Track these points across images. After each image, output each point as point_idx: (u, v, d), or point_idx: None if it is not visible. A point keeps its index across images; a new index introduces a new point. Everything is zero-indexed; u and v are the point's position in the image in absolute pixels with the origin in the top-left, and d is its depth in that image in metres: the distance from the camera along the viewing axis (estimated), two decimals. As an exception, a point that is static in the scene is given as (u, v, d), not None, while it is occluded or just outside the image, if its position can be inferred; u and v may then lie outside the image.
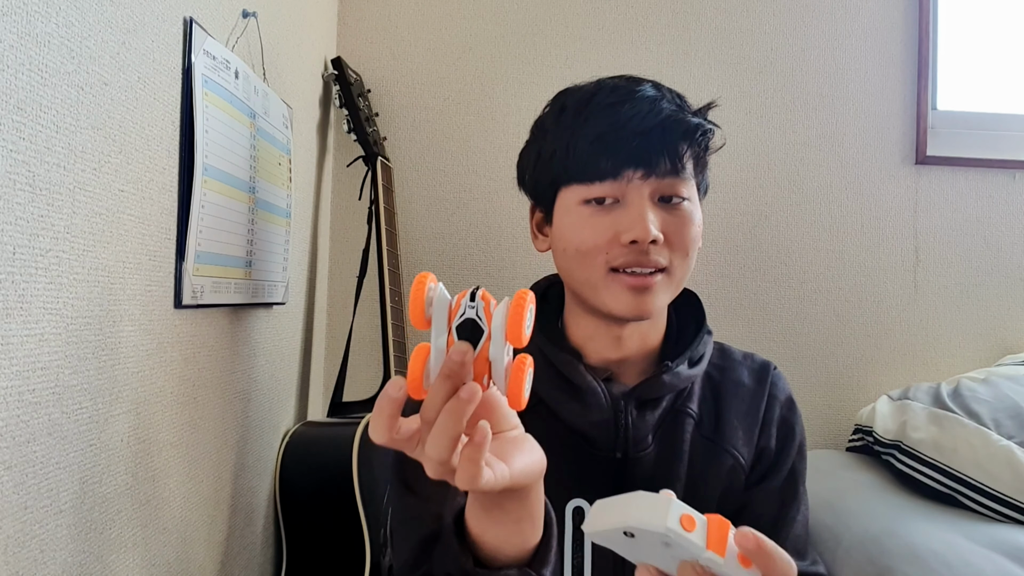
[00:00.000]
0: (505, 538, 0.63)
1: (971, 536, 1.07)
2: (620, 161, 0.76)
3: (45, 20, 0.64)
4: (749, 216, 1.68)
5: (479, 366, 0.52)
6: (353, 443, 1.25)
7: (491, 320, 0.52)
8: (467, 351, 0.50)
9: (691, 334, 0.87)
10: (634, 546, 0.55)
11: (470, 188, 1.66)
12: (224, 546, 1.09)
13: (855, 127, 1.70)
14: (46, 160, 0.65)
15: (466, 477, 0.50)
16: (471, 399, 0.49)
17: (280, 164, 1.22)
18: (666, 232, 0.76)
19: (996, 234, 1.70)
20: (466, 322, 0.52)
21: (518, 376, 0.53)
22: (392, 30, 1.67)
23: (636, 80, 0.81)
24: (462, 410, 0.49)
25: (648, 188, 0.76)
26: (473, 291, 0.53)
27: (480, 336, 0.52)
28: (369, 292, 1.52)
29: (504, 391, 0.53)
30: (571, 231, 0.79)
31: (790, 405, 0.89)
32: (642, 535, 0.53)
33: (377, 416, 0.51)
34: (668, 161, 0.76)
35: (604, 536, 0.56)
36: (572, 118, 0.79)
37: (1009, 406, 1.30)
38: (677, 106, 0.79)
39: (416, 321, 0.52)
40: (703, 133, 0.79)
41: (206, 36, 0.94)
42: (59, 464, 0.69)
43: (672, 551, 0.53)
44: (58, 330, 0.68)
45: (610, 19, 1.68)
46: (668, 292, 0.79)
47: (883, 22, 1.70)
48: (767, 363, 0.91)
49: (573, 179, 0.79)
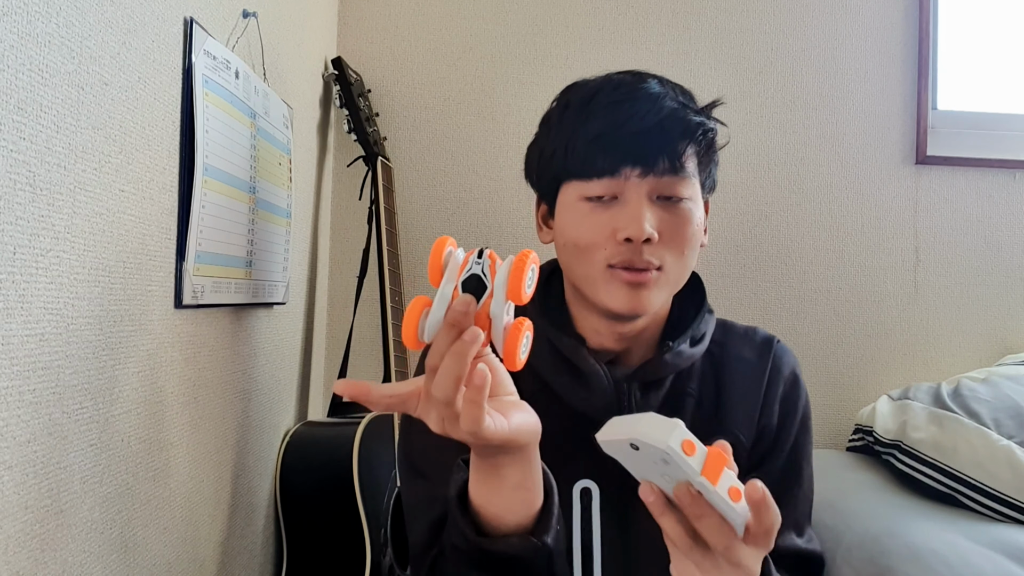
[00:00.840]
0: (506, 506, 0.65)
1: (971, 536, 1.07)
2: (618, 159, 0.76)
3: (45, 20, 0.64)
4: (749, 216, 1.68)
5: (480, 322, 0.55)
6: (353, 443, 1.25)
7: (494, 277, 0.55)
8: (470, 301, 0.54)
9: (692, 314, 0.87)
10: (639, 461, 0.58)
11: (470, 188, 1.66)
12: (225, 545, 1.09)
13: (855, 127, 1.70)
14: (47, 160, 0.65)
15: (469, 419, 0.54)
16: (474, 340, 0.52)
17: (280, 164, 1.22)
18: (663, 230, 0.77)
19: (996, 234, 1.70)
20: (471, 277, 0.55)
21: (515, 335, 0.55)
22: (392, 30, 1.67)
23: (642, 76, 0.81)
24: (466, 351, 0.52)
25: (646, 186, 0.77)
26: (481, 249, 0.56)
27: (483, 293, 0.55)
28: (369, 292, 1.52)
29: (501, 350, 0.56)
30: (571, 227, 0.80)
31: (794, 380, 0.88)
32: (645, 449, 0.56)
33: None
34: (667, 160, 0.76)
35: (613, 447, 0.59)
36: (574, 115, 0.80)
37: (1009, 406, 1.30)
38: (680, 103, 0.79)
39: (433, 279, 0.56)
40: (704, 132, 0.79)
41: (206, 36, 0.94)
42: (59, 464, 0.69)
43: (670, 470, 0.56)
44: (58, 330, 0.68)
45: (610, 19, 1.68)
46: (665, 290, 0.80)
47: (883, 22, 1.70)
48: (770, 337, 0.90)
49: (573, 176, 0.79)
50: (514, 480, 0.64)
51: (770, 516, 0.58)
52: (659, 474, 0.58)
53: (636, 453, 0.57)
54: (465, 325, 0.53)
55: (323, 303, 1.62)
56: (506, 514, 0.65)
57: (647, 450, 0.56)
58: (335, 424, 1.37)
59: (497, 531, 0.66)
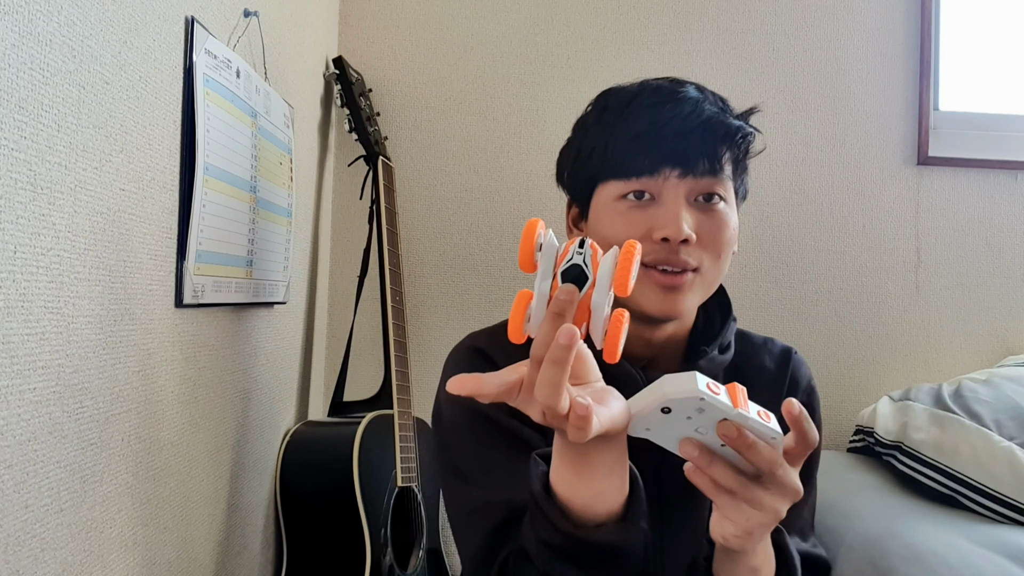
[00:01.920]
0: (594, 496, 0.63)
1: (972, 537, 1.07)
2: (658, 159, 0.76)
3: (47, 19, 0.64)
4: (751, 216, 1.68)
5: (579, 313, 0.54)
6: (354, 443, 1.25)
7: (597, 268, 0.54)
8: (574, 291, 0.52)
9: (718, 325, 0.87)
10: (670, 426, 0.59)
11: (471, 188, 1.66)
12: (224, 545, 1.09)
13: (857, 127, 1.69)
14: (47, 159, 0.65)
15: (576, 434, 0.52)
16: (569, 343, 0.49)
17: (281, 163, 1.22)
18: (700, 233, 0.77)
19: (998, 235, 1.70)
20: (571, 268, 0.54)
21: (616, 328, 0.54)
22: (393, 29, 1.67)
23: (680, 82, 0.82)
24: (564, 356, 0.50)
25: (685, 187, 0.77)
26: (582, 240, 0.55)
27: (584, 283, 0.54)
28: (370, 291, 1.52)
29: (601, 342, 0.55)
30: (605, 225, 0.79)
31: (810, 391, 0.89)
32: (678, 408, 0.57)
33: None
34: (707, 162, 0.77)
35: (642, 421, 0.59)
36: (614, 117, 0.80)
37: (1010, 407, 1.30)
38: (719, 108, 0.80)
39: (525, 264, 0.55)
40: (743, 136, 0.80)
41: (207, 35, 0.94)
42: (60, 463, 0.69)
43: (703, 419, 0.57)
44: (59, 329, 0.68)
45: (612, 19, 1.68)
46: (700, 293, 0.80)
47: (885, 22, 1.70)
48: (788, 348, 0.91)
49: (611, 175, 0.79)
50: (606, 466, 0.62)
51: (811, 428, 0.60)
52: (692, 430, 0.59)
53: (667, 417, 0.58)
54: (569, 314, 0.52)
55: (324, 303, 1.62)
56: (596, 504, 0.63)
57: (680, 408, 0.56)
58: (335, 424, 1.36)
59: (588, 523, 0.64)
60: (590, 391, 0.59)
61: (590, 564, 0.64)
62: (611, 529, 0.63)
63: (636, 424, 0.60)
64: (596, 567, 0.64)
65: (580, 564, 0.64)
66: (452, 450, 0.82)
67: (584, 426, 0.52)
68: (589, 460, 0.61)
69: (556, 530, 0.63)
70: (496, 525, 0.73)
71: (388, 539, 1.28)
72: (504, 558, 0.71)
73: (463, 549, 0.79)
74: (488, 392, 0.54)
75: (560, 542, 0.63)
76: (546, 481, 0.65)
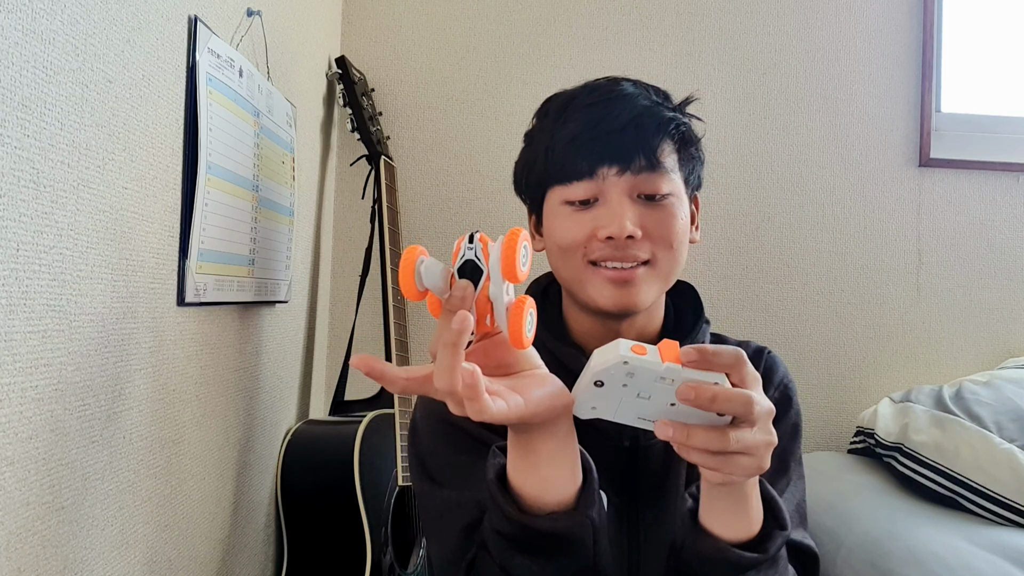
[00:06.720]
0: (541, 484, 0.63)
1: (972, 539, 1.07)
2: (595, 159, 0.77)
3: (50, 17, 0.65)
4: (752, 217, 1.68)
5: (481, 306, 0.55)
6: (355, 441, 1.25)
7: (488, 260, 0.54)
8: (467, 286, 0.53)
9: (689, 323, 0.87)
10: (615, 399, 0.58)
11: (473, 187, 1.66)
12: (226, 543, 1.09)
13: (859, 129, 1.69)
14: (50, 157, 0.65)
15: (473, 411, 0.52)
16: (461, 328, 0.50)
17: (284, 162, 1.22)
18: (646, 227, 0.77)
19: (999, 236, 1.70)
20: (465, 264, 0.55)
21: (517, 314, 0.55)
22: (396, 29, 1.67)
23: (616, 80, 0.83)
24: (455, 340, 0.50)
25: (625, 184, 0.77)
26: (471, 234, 0.56)
27: (480, 277, 0.55)
28: (372, 291, 1.52)
29: (506, 331, 0.55)
30: (555, 230, 0.81)
31: (783, 388, 0.88)
32: (608, 377, 0.56)
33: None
34: (643, 157, 0.77)
35: (585, 401, 0.59)
36: (552, 122, 0.81)
37: (1011, 409, 1.30)
38: (654, 101, 0.80)
39: (408, 292, 0.56)
40: (677, 126, 0.79)
41: (210, 34, 0.94)
42: (61, 461, 0.69)
43: (638, 381, 0.56)
44: (61, 327, 0.68)
45: (614, 20, 1.68)
46: (656, 284, 0.80)
47: (887, 24, 1.70)
48: (762, 348, 0.91)
49: (555, 181, 0.80)
50: (549, 452, 0.62)
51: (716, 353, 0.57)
52: (635, 397, 0.57)
53: (604, 391, 0.57)
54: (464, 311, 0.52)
55: (325, 302, 1.62)
56: (545, 493, 0.64)
57: (611, 378, 0.56)
58: (336, 423, 1.37)
59: (539, 512, 0.64)
60: (526, 378, 0.59)
61: (540, 553, 0.64)
62: (557, 517, 0.63)
63: (580, 406, 0.60)
64: (546, 556, 0.64)
65: (530, 553, 0.65)
66: (426, 460, 0.82)
67: (473, 396, 0.51)
68: (533, 447, 0.62)
69: (506, 517, 0.64)
70: (467, 523, 0.74)
71: (389, 538, 1.28)
72: (472, 555, 0.72)
73: (435, 550, 0.80)
74: (391, 380, 0.54)
75: (510, 530, 0.64)
76: (502, 472, 0.66)
